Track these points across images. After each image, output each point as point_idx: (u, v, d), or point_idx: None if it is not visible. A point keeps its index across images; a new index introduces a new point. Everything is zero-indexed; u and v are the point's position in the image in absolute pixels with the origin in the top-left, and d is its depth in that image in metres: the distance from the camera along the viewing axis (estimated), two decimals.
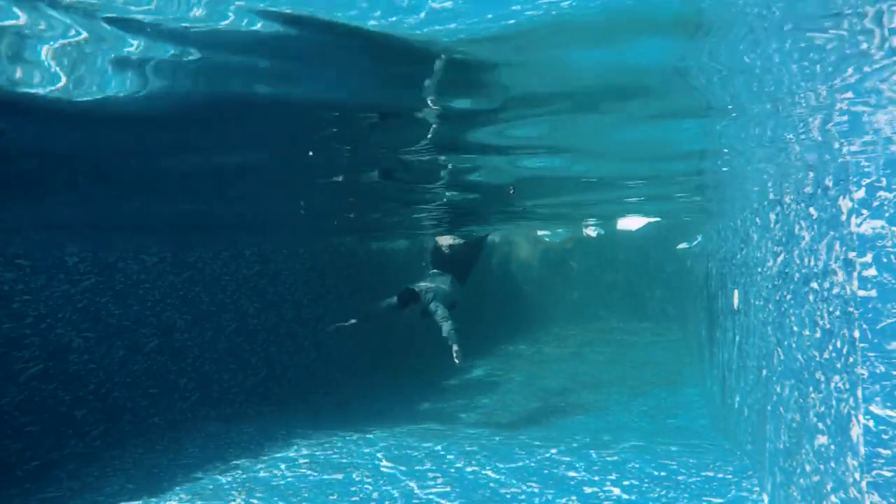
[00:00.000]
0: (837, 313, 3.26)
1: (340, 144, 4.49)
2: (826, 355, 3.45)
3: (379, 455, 6.77)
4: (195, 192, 6.17)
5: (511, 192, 7.47)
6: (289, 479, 6.12)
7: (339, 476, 6.17)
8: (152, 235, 8.60)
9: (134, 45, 2.55)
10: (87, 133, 3.79)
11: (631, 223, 13.27)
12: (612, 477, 5.81)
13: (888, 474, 2.89)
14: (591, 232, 16.13)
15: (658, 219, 12.78)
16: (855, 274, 3.03)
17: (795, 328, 4.09)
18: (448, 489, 5.72)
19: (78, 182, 5.16)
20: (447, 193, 7.08)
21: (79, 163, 4.55)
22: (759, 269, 5.29)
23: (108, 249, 7.98)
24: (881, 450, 2.90)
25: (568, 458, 6.39)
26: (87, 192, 5.59)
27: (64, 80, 2.84)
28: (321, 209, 8.23)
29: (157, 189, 5.81)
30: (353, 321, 8.24)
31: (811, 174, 4.09)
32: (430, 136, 4.19)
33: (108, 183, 5.33)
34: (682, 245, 14.49)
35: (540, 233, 17.81)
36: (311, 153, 4.69)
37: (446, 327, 8.08)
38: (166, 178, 5.40)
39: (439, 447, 6.99)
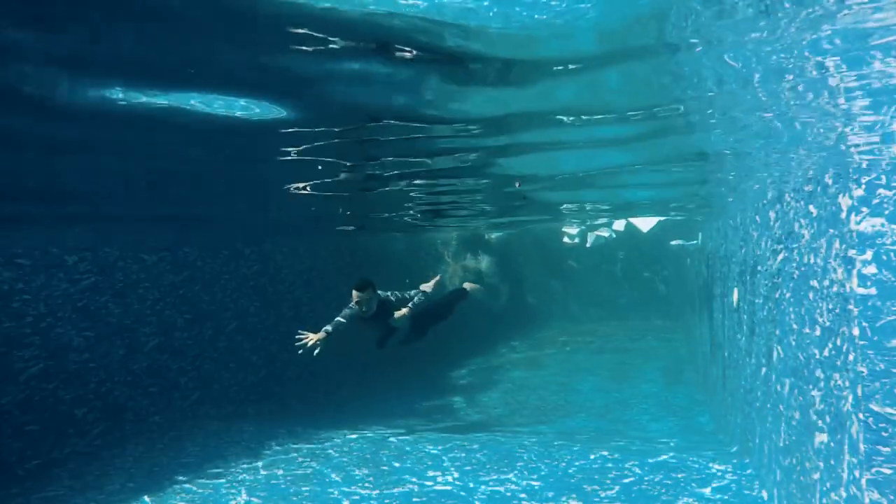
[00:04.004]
0: (837, 311, 3.26)
1: None
2: (826, 353, 3.45)
3: (380, 454, 6.78)
4: None
5: (518, 185, 7.38)
6: (289, 478, 6.13)
7: (340, 475, 6.18)
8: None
9: None
10: None
11: (639, 223, 13.17)
12: (612, 474, 5.82)
13: (888, 471, 2.89)
14: (603, 232, 16.03)
15: (664, 217, 12.70)
16: (854, 271, 3.03)
17: (795, 326, 4.10)
18: (449, 488, 5.73)
19: None
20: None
21: None
22: (759, 267, 5.30)
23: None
24: (881, 447, 2.91)
25: (568, 457, 6.39)
26: None
27: None
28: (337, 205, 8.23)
29: None
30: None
31: (811, 172, 4.09)
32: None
33: None
34: (677, 241, 14.45)
35: (565, 231, 17.66)
36: None
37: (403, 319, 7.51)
38: None
39: (440, 446, 6.99)
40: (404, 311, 7.45)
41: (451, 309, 8.54)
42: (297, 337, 6.74)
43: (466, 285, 9.32)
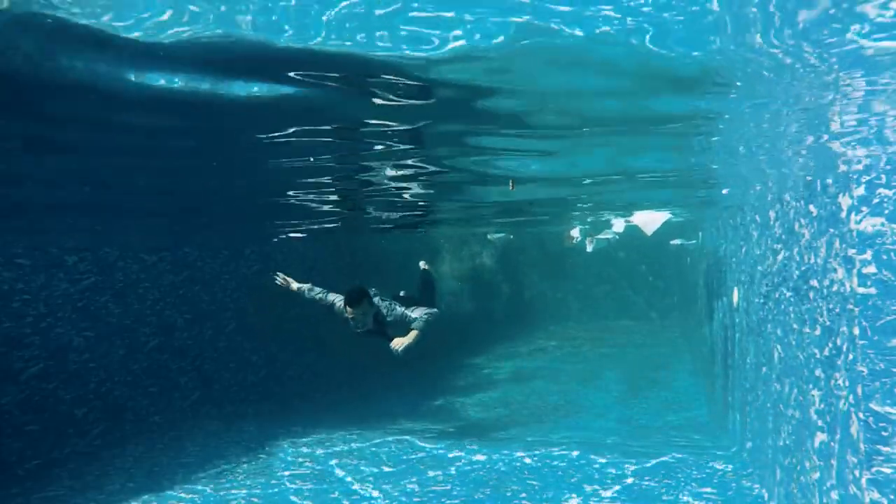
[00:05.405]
0: (837, 310, 3.26)
1: None
2: (826, 352, 3.45)
3: (379, 453, 6.78)
4: None
5: (511, 187, 7.37)
6: (289, 478, 6.13)
7: (340, 475, 6.18)
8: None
9: None
10: None
11: (646, 223, 12.94)
12: (612, 474, 5.82)
13: (888, 471, 2.89)
14: (605, 235, 15.87)
15: (671, 215, 12.52)
16: (854, 271, 3.03)
17: (795, 325, 4.09)
18: (448, 487, 5.73)
19: None
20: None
21: None
22: (759, 267, 5.30)
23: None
24: (881, 447, 2.90)
25: (569, 456, 6.39)
26: None
27: None
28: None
29: None
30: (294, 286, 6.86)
31: (811, 172, 4.09)
32: None
33: None
34: (677, 241, 14.41)
35: (572, 232, 17.59)
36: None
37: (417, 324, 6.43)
38: None
39: (440, 445, 6.99)
40: (411, 340, 6.24)
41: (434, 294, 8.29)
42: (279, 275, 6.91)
43: (422, 264, 9.23)
